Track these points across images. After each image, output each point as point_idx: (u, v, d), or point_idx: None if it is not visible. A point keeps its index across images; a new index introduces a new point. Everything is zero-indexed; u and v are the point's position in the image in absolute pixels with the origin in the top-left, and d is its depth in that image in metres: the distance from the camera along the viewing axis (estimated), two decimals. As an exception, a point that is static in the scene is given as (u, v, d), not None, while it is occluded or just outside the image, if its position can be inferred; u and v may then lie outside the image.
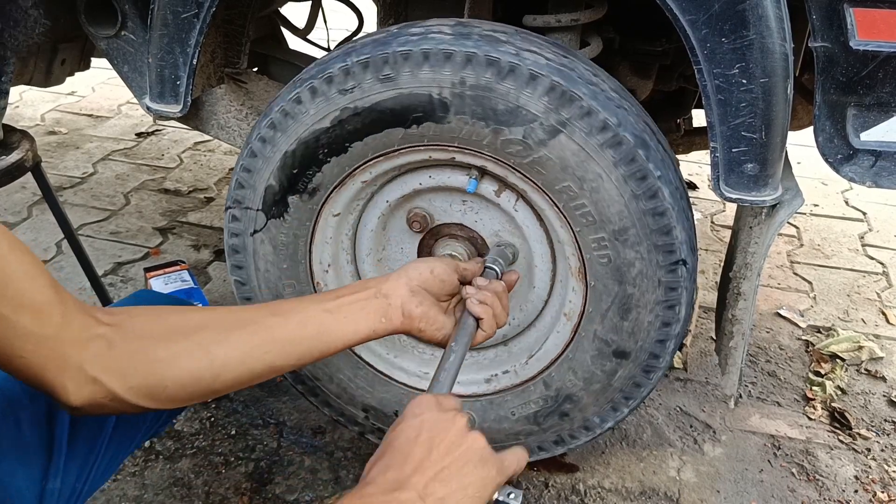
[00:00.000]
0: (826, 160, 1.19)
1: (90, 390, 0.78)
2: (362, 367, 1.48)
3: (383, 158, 1.27)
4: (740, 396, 1.84)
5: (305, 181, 1.30)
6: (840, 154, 1.18)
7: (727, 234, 2.54)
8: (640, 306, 1.28)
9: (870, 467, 1.65)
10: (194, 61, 1.37)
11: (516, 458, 0.82)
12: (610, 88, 1.20)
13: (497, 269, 1.22)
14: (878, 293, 2.29)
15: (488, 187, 1.32)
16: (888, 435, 1.74)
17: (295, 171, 1.29)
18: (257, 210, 1.34)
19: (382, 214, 1.39)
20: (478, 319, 1.06)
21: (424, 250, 1.42)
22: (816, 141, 1.19)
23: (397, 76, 1.17)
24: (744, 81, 1.11)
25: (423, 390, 1.48)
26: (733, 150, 1.16)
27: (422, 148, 1.24)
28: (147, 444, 1.63)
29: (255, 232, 1.36)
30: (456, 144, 1.22)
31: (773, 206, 1.22)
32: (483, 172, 1.29)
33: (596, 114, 1.15)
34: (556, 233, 1.31)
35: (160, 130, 3.26)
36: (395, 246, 1.45)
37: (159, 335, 0.85)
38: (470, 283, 1.12)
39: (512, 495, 0.77)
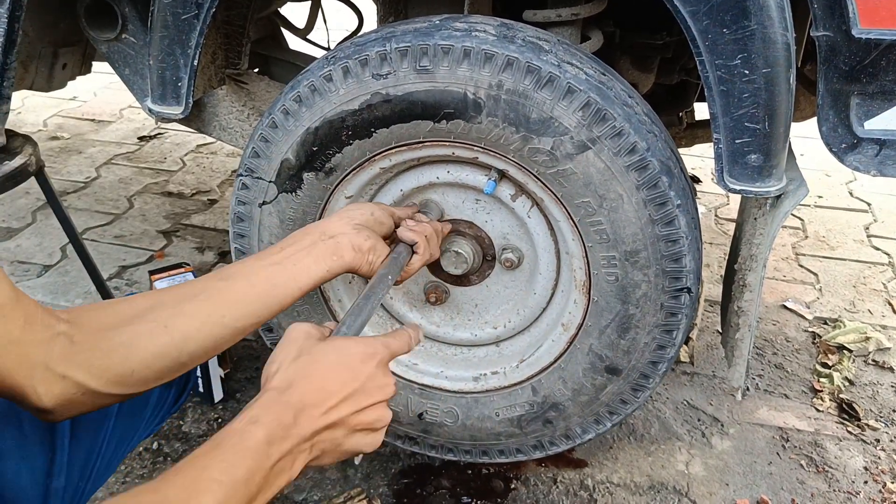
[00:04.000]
0: (830, 150, 1.19)
1: (60, 388, 0.78)
2: None
3: (406, 148, 1.26)
4: (747, 389, 1.83)
5: (324, 160, 1.28)
6: (844, 143, 1.17)
7: (731, 227, 2.53)
8: (639, 327, 1.29)
9: (879, 458, 1.64)
10: (195, 62, 1.37)
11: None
12: (643, 112, 1.20)
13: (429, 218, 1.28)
14: (884, 284, 2.28)
15: (505, 191, 1.31)
16: (897, 425, 1.74)
17: (315, 149, 1.27)
18: (270, 181, 1.32)
19: (394, 202, 1.38)
20: (412, 245, 1.14)
21: (431, 244, 1.42)
22: (820, 130, 1.18)
23: (435, 69, 1.16)
24: (746, 72, 1.11)
25: (413, 381, 1.48)
26: (736, 141, 1.15)
27: (447, 144, 1.24)
28: (155, 445, 1.63)
29: (265, 203, 1.35)
30: (482, 145, 1.21)
31: (778, 197, 1.22)
32: (502, 175, 1.29)
33: (627, 136, 1.15)
34: (567, 245, 1.31)
35: (162, 134, 3.27)
36: None
37: (115, 323, 0.85)
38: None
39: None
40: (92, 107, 3.58)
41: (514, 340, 1.49)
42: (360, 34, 1.28)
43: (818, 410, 1.78)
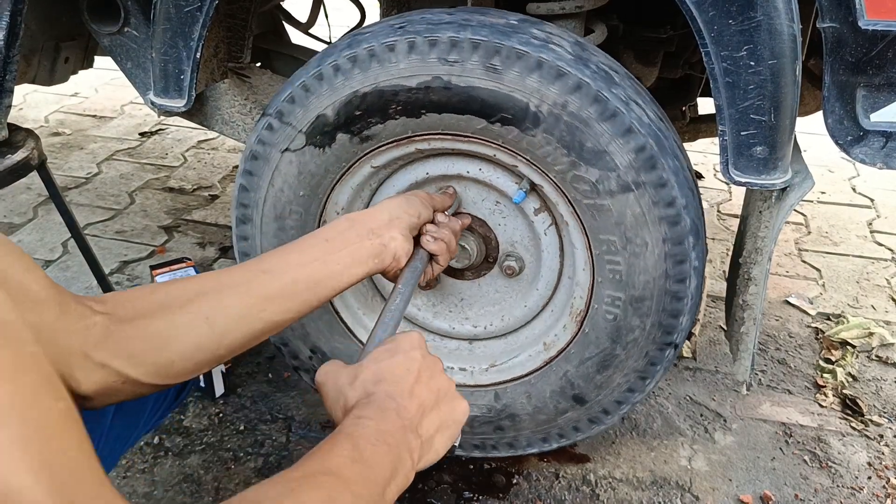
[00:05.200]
0: (836, 142, 1.18)
1: (100, 376, 0.78)
2: (328, 312, 1.47)
3: (451, 138, 1.24)
4: (750, 384, 1.83)
5: (364, 126, 1.24)
6: (850, 136, 1.17)
7: (734, 223, 2.52)
8: (618, 368, 1.31)
9: (883, 453, 1.64)
10: (197, 55, 1.36)
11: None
12: (687, 167, 1.21)
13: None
14: (887, 279, 2.28)
15: (530, 204, 1.31)
16: (900, 421, 1.73)
17: (358, 113, 1.23)
18: (300, 131, 1.28)
19: (416, 182, 1.36)
20: (433, 255, 1.15)
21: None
22: (826, 123, 1.17)
23: (504, 72, 1.14)
24: (752, 64, 1.10)
25: None
26: (742, 133, 1.15)
27: (493, 145, 1.22)
28: (156, 440, 1.63)
29: (288, 150, 1.30)
30: (527, 157, 1.20)
31: (783, 190, 1.21)
32: (532, 186, 1.27)
33: (670, 188, 1.15)
34: (575, 272, 1.31)
35: (164, 130, 3.26)
36: None
37: (154, 311, 0.84)
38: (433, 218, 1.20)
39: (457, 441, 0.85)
40: (93, 103, 3.57)
41: (490, 343, 1.49)
42: (433, 12, 1.24)
43: (821, 406, 1.77)
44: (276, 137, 1.30)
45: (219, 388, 1.75)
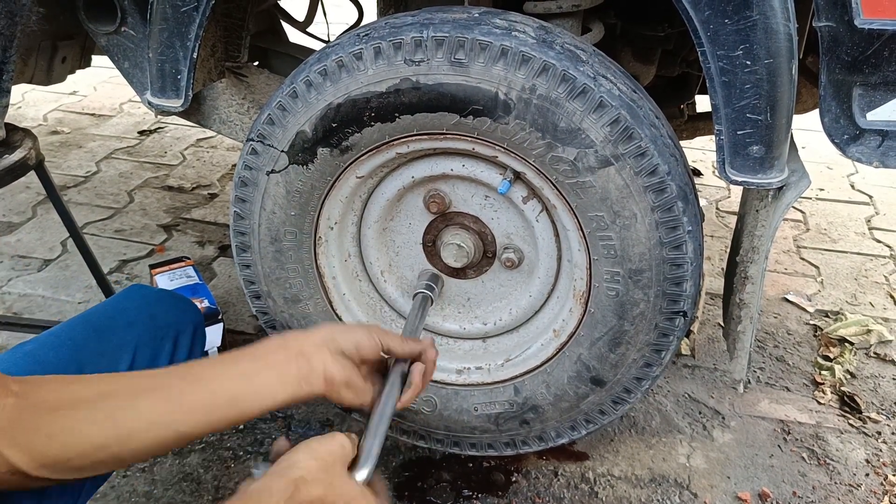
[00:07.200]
0: (832, 141, 1.18)
1: None
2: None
3: (427, 138, 1.24)
4: (748, 382, 1.83)
5: (341, 138, 1.26)
6: (846, 134, 1.17)
7: (732, 220, 2.53)
8: (630, 343, 1.30)
9: (881, 451, 1.64)
10: (194, 55, 1.36)
11: None
12: (667, 134, 1.20)
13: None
14: (885, 276, 2.28)
15: (518, 192, 1.31)
16: (898, 418, 1.74)
17: (334, 125, 1.25)
18: (282, 151, 1.30)
19: (403, 187, 1.37)
20: (411, 383, 1.03)
21: (432, 232, 1.42)
22: (822, 121, 1.18)
23: (469, 64, 1.15)
24: (748, 63, 1.10)
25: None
26: (738, 132, 1.15)
27: (469, 139, 1.22)
28: (156, 439, 1.63)
29: (273, 172, 1.32)
30: (504, 145, 1.20)
31: (780, 189, 1.21)
32: (517, 176, 1.28)
33: (650, 157, 1.15)
34: (571, 254, 1.31)
35: (162, 128, 3.26)
36: (404, 219, 1.44)
37: (64, 404, 0.82)
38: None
39: None
40: (92, 101, 3.57)
41: (502, 339, 1.49)
42: (395, 16, 1.25)
43: (819, 403, 1.77)
44: (260, 161, 1.32)
45: (218, 387, 1.75)
